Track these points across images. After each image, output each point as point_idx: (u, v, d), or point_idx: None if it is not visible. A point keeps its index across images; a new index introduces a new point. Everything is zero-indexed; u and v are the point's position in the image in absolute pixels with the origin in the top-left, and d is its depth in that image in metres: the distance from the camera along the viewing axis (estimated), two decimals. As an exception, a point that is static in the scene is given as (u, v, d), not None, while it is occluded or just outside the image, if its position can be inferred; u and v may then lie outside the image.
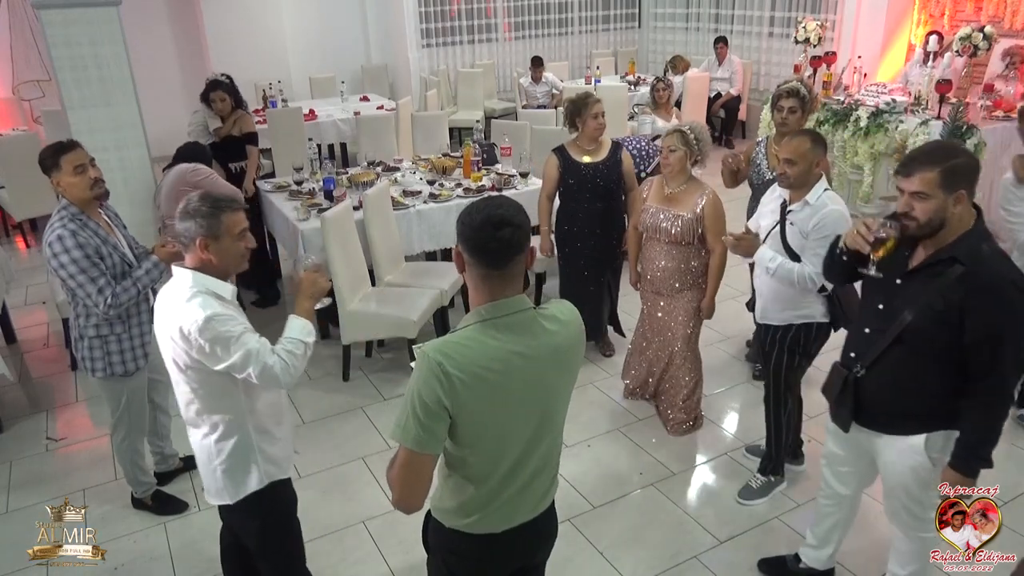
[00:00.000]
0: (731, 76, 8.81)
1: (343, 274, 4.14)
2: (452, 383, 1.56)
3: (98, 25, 3.86)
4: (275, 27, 9.06)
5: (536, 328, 1.66)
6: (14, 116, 8.00)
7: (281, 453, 2.29)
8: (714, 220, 3.39)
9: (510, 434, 1.69)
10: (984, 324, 2.01)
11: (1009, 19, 6.74)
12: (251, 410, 2.18)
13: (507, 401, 1.65)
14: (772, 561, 2.92)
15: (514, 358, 1.62)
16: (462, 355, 1.58)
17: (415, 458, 1.61)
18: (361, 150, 6.63)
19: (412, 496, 1.64)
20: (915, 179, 2.03)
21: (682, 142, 3.37)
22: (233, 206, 2.10)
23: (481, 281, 1.63)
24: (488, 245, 1.57)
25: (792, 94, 3.62)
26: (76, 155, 2.82)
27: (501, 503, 1.75)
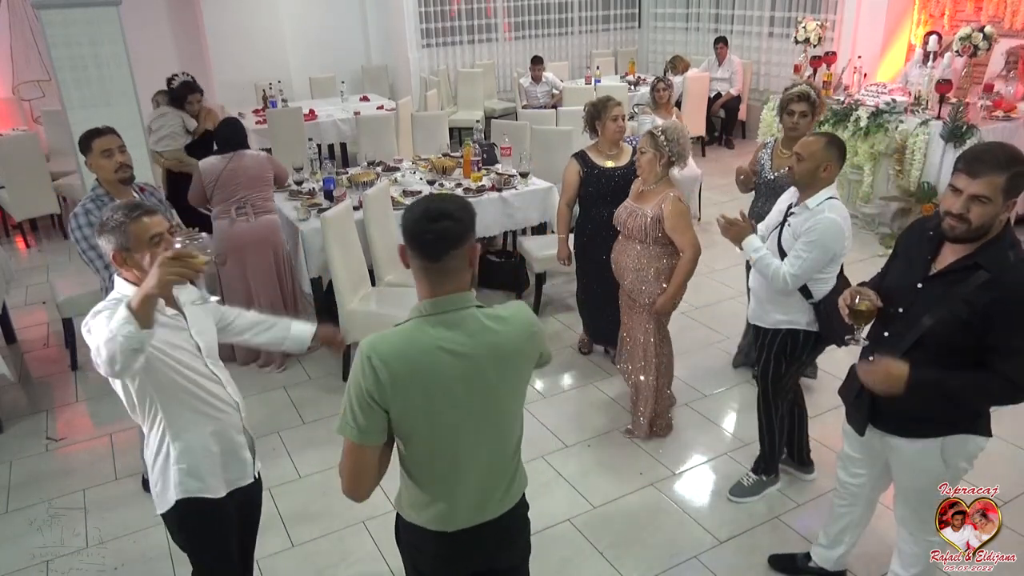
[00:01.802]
0: (731, 76, 8.81)
1: (343, 274, 4.14)
2: (378, 376, 1.59)
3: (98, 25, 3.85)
4: (275, 27, 9.05)
5: (473, 325, 1.67)
6: (14, 116, 7.99)
7: (208, 470, 2.16)
8: (674, 223, 3.35)
9: (445, 432, 1.69)
10: (1007, 332, 1.96)
11: (1009, 19, 6.74)
12: (166, 417, 2.09)
13: (437, 398, 1.65)
14: (783, 557, 2.93)
15: (443, 355, 1.63)
16: (391, 349, 1.61)
17: (355, 449, 1.66)
18: (361, 150, 6.63)
19: (357, 486, 1.70)
20: (982, 181, 1.92)
21: (651, 144, 3.37)
22: (142, 212, 2.02)
23: (421, 274, 1.66)
24: (424, 236, 1.61)
25: (802, 98, 3.61)
26: (106, 140, 3.06)
27: (446, 501, 1.76)
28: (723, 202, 7.03)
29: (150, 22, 8.50)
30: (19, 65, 7.90)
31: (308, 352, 2.64)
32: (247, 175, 4.25)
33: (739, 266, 5.68)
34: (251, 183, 4.28)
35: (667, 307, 3.51)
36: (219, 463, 2.20)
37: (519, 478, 1.90)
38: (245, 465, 2.29)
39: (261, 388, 4.32)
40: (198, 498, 2.17)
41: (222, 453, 2.20)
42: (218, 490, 2.20)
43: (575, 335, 4.73)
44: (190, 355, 2.10)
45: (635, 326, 3.64)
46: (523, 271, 5.30)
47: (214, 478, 2.19)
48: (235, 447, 2.24)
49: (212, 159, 4.28)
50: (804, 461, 3.40)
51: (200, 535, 2.26)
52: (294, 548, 3.13)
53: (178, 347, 2.07)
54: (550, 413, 3.99)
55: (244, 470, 2.29)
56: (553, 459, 3.61)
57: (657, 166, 3.38)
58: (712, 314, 5.01)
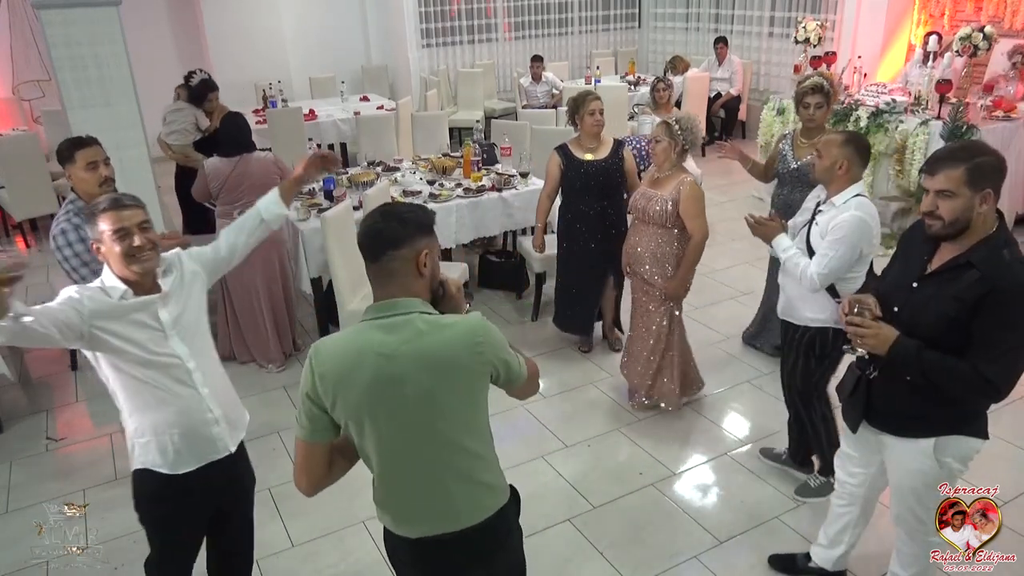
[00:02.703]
0: (731, 76, 8.81)
1: (343, 274, 4.14)
2: (314, 375, 1.65)
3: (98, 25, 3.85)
4: (275, 27, 9.06)
5: (407, 330, 1.65)
6: (14, 116, 7.99)
7: (164, 447, 2.17)
8: (689, 205, 3.49)
9: (381, 436, 1.70)
10: (989, 326, 1.98)
11: (1009, 19, 6.74)
12: (123, 394, 2.15)
13: (370, 402, 1.66)
14: (783, 557, 2.93)
15: (375, 358, 1.63)
16: (330, 351, 1.66)
17: (302, 446, 1.72)
18: (361, 150, 6.63)
19: (305, 481, 1.75)
20: (940, 177, 2.01)
21: (666, 133, 3.50)
22: (109, 206, 2.04)
23: (368, 276, 1.70)
24: (363, 236, 1.67)
25: (816, 90, 3.69)
26: (91, 152, 2.92)
27: (401, 505, 1.80)
28: (723, 202, 7.03)
29: (150, 22, 8.51)
30: (19, 65, 7.90)
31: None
32: (251, 182, 4.20)
33: (739, 266, 5.68)
34: (254, 190, 4.21)
35: (678, 292, 3.64)
36: (179, 441, 2.18)
37: (482, 494, 1.82)
38: (214, 441, 2.24)
39: (261, 388, 4.32)
40: (155, 472, 2.20)
41: (183, 432, 2.18)
42: (177, 466, 2.19)
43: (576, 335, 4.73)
44: (150, 334, 2.09)
45: (651, 313, 3.73)
46: (523, 271, 5.30)
47: (174, 455, 2.18)
48: (197, 424, 2.20)
49: (218, 161, 4.25)
50: (804, 462, 3.40)
51: (153, 510, 2.27)
52: (294, 548, 3.13)
53: (137, 329, 2.07)
54: (550, 413, 3.99)
55: (213, 446, 2.25)
56: (553, 459, 3.61)
57: (672, 153, 3.52)
58: (712, 314, 5.01)
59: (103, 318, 2.03)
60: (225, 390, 2.33)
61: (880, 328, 2.09)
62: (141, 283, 2.10)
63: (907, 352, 2.07)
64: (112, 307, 2.05)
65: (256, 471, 3.56)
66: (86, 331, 2.00)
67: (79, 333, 1.99)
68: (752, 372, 4.31)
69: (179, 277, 2.21)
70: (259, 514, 3.29)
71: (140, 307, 2.09)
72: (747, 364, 4.40)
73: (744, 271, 5.59)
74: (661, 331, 3.74)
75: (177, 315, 2.16)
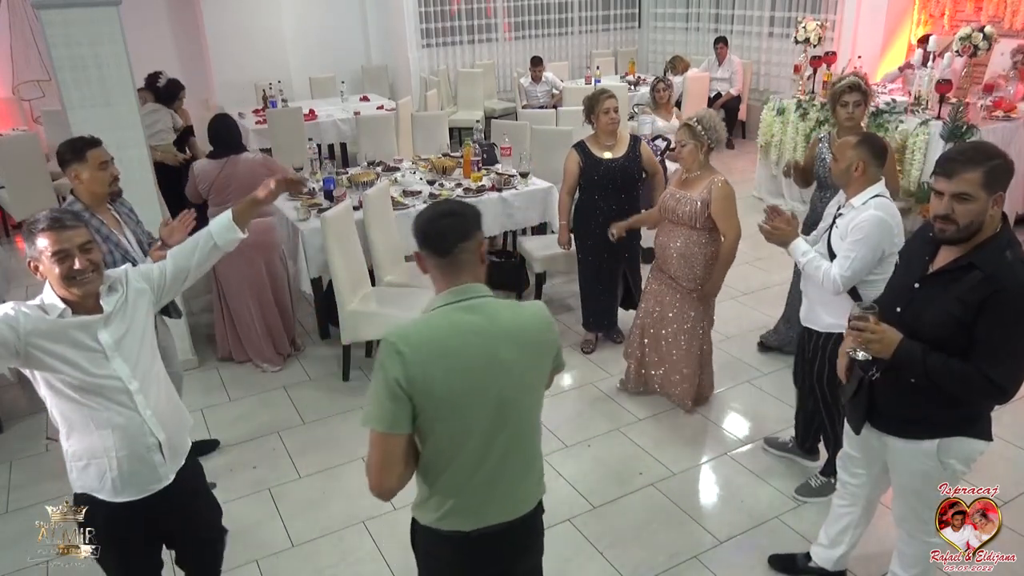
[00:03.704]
0: (731, 76, 8.81)
1: (343, 274, 4.14)
2: (406, 361, 1.63)
3: (98, 25, 3.84)
4: (275, 27, 9.05)
5: (489, 310, 1.73)
6: (14, 116, 7.99)
7: (101, 473, 2.08)
8: (721, 206, 3.49)
9: (469, 417, 1.71)
10: (993, 329, 1.97)
11: (1009, 19, 6.74)
12: (59, 415, 2.07)
13: (464, 379, 1.68)
14: (783, 557, 2.93)
15: (469, 335, 1.69)
16: (418, 334, 1.67)
17: (384, 440, 1.67)
18: (361, 150, 6.63)
19: (385, 479, 1.69)
20: (957, 180, 1.96)
21: (690, 136, 3.50)
22: (49, 225, 1.96)
23: (437, 271, 1.74)
24: (433, 233, 1.72)
25: (854, 88, 3.68)
26: (101, 151, 2.96)
27: (467, 496, 1.77)
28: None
29: (150, 22, 8.50)
30: (19, 65, 7.89)
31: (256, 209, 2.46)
32: (239, 183, 4.20)
33: (739, 266, 5.67)
34: (242, 191, 4.18)
35: (714, 292, 3.70)
36: (118, 467, 2.07)
37: (539, 480, 1.90)
38: (155, 468, 2.13)
39: (261, 388, 4.32)
40: (93, 497, 2.11)
41: (122, 457, 2.07)
42: (116, 494, 2.10)
43: (576, 335, 4.73)
44: (90, 355, 1.99)
45: (675, 310, 3.77)
46: (523, 271, 5.30)
47: (111, 482, 2.08)
48: (138, 449, 2.09)
49: (207, 163, 4.26)
50: (811, 450, 3.42)
51: (98, 535, 2.13)
52: (294, 548, 3.13)
53: (75, 350, 1.98)
54: (550, 413, 3.95)
55: (154, 473, 2.14)
56: (553, 459, 3.61)
57: (699, 154, 3.53)
58: (712, 314, 5.00)
59: (40, 336, 1.93)
60: (172, 413, 2.23)
61: (884, 332, 2.08)
62: (82, 303, 2.01)
63: (912, 355, 2.06)
64: (50, 325, 1.95)
65: (256, 471, 3.61)
66: (21, 349, 1.91)
67: (14, 351, 1.91)
68: (752, 372, 4.31)
69: (123, 296, 2.11)
70: (259, 514, 3.32)
71: (79, 327, 1.99)
72: (747, 364, 4.40)
73: (744, 271, 5.58)
74: (688, 331, 3.76)
75: (120, 336, 2.05)
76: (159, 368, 2.22)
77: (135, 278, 2.18)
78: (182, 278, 2.33)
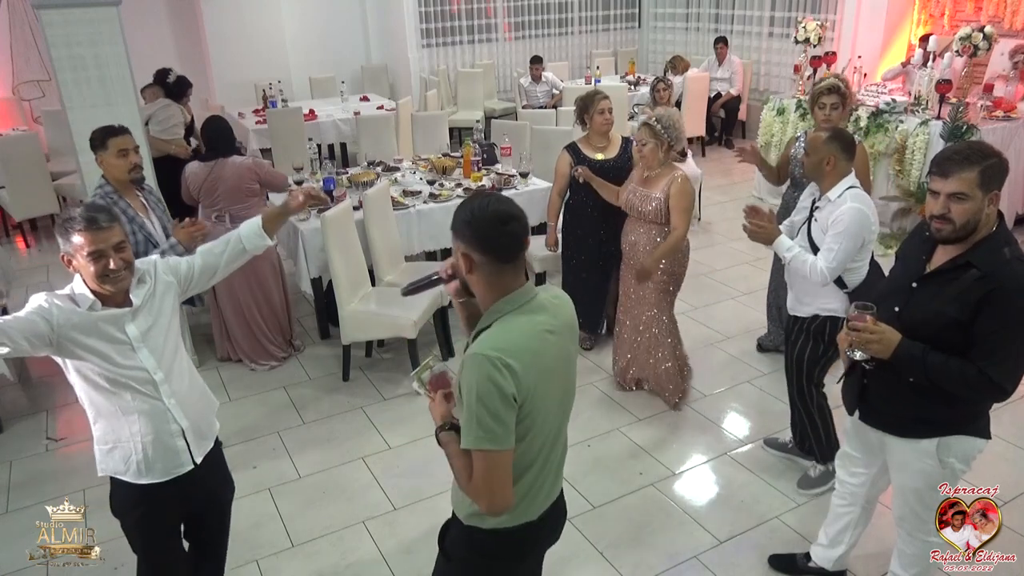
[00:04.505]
0: (731, 76, 8.81)
1: (343, 274, 4.14)
2: (514, 372, 1.59)
3: (98, 25, 3.84)
4: (275, 27, 9.05)
5: (551, 306, 1.75)
6: (14, 116, 7.99)
7: (127, 456, 2.17)
8: (678, 200, 3.59)
9: (551, 413, 1.75)
10: (991, 328, 1.98)
11: (1009, 19, 6.74)
12: (87, 400, 2.15)
13: (550, 379, 1.71)
14: (783, 557, 2.93)
15: (547, 335, 1.70)
16: (514, 344, 1.63)
17: (499, 457, 1.63)
18: (361, 150, 6.63)
19: (507, 495, 1.67)
20: (953, 180, 1.97)
21: (650, 135, 3.60)
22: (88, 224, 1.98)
23: (495, 277, 1.68)
24: (501, 240, 1.65)
25: (832, 90, 3.71)
26: (123, 140, 3.13)
27: (539, 486, 1.79)
28: (723, 202, 7.03)
29: (150, 22, 8.50)
30: (19, 65, 7.90)
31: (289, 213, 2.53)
32: (225, 187, 4.20)
33: (739, 266, 5.68)
34: (229, 195, 4.23)
35: (649, 270, 3.69)
36: (142, 451, 2.16)
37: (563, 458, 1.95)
38: (178, 454, 2.22)
39: (261, 388, 4.32)
40: (120, 480, 2.20)
41: (146, 442, 2.15)
42: (140, 476, 2.18)
43: (575, 335, 4.73)
44: (118, 347, 2.07)
45: (648, 307, 3.86)
46: (523, 271, 5.29)
47: (136, 465, 2.17)
48: (162, 436, 2.17)
49: (196, 166, 4.26)
50: (811, 450, 3.43)
51: (125, 517, 2.26)
52: (294, 548, 3.13)
53: (104, 342, 2.04)
54: (550, 413, 3.98)
55: (177, 459, 2.22)
56: (553, 459, 3.61)
57: (660, 153, 3.61)
58: (712, 314, 5.01)
59: (72, 328, 2.00)
60: (197, 400, 2.30)
61: (883, 332, 2.08)
62: (112, 296, 2.07)
63: (912, 355, 2.06)
64: (81, 318, 2.02)
65: (256, 471, 3.60)
66: (55, 340, 1.98)
67: (48, 341, 1.97)
68: (752, 372, 4.31)
69: (151, 288, 2.17)
70: (259, 514, 3.32)
71: (108, 320, 2.05)
72: (747, 364, 4.40)
73: (744, 271, 5.59)
74: (655, 322, 3.87)
75: (147, 328, 2.12)
76: (183, 357, 2.28)
77: (163, 271, 2.24)
78: (209, 274, 2.39)
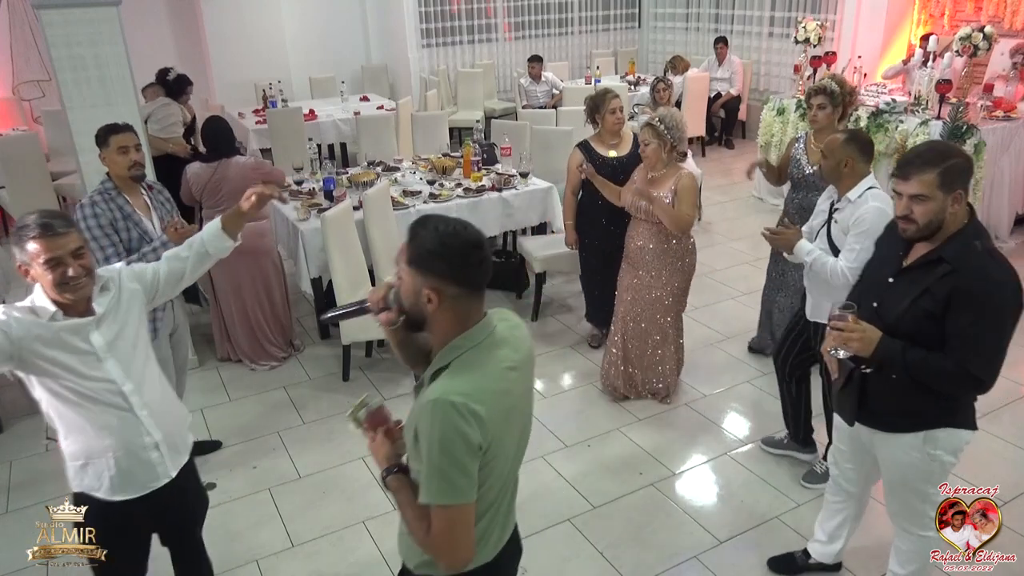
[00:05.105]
0: (731, 76, 8.81)
1: (343, 274, 4.14)
2: (481, 419, 1.48)
3: (98, 25, 3.84)
4: (275, 27, 9.05)
5: (512, 339, 1.64)
6: (14, 116, 7.98)
7: (99, 472, 2.09)
8: (684, 193, 3.58)
9: (510, 455, 1.65)
10: (963, 320, 2.02)
11: (1009, 19, 6.74)
12: (56, 417, 2.07)
13: (512, 420, 1.61)
14: (780, 558, 2.94)
15: (510, 373, 1.60)
16: (478, 387, 1.52)
17: (462, 511, 1.52)
18: (361, 150, 6.63)
19: (468, 550, 1.56)
20: (913, 182, 2.04)
21: (653, 135, 3.58)
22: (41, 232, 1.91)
23: (462, 307, 1.56)
24: (478, 269, 1.54)
25: (820, 91, 3.76)
26: (124, 137, 3.14)
27: (498, 525, 1.69)
28: (723, 202, 7.03)
29: (150, 22, 8.49)
30: (19, 65, 7.89)
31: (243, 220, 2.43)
32: (230, 187, 4.20)
33: (739, 266, 5.68)
34: (233, 195, 4.19)
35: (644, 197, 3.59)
36: (116, 466, 2.09)
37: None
38: (153, 467, 2.15)
39: (261, 388, 4.32)
40: (91, 496, 2.12)
41: (119, 457, 2.08)
42: (115, 493, 2.11)
43: (575, 335, 4.73)
44: (82, 358, 1.99)
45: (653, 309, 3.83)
46: (523, 271, 5.30)
47: (109, 481, 2.10)
48: (135, 449, 2.10)
49: (199, 167, 4.26)
50: (806, 442, 3.45)
51: (96, 532, 2.14)
52: (294, 548, 3.13)
53: (68, 353, 1.97)
54: (550, 413, 3.99)
55: (153, 472, 2.15)
56: (553, 459, 3.61)
57: (663, 153, 3.60)
58: (712, 314, 5.01)
59: (33, 341, 1.93)
60: (168, 411, 2.23)
61: (864, 330, 2.11)
62: (74, 305, 1.99)
63: (892, 352, 2.10)
64: (42, 329, 1.94)
65: (256, 471, 3.60)
66: (15, 353, 1.90)
67: (8, 355, 1.90)
68: (752, 372, 4.31)
69: (116, 296, 2.10)
70: (259, 514, 3.32)
71: (71, 330, 1.97)
72: (747, 364, 4.40)
73: (744, 271, 5.59)
74: (664, 325, 3.84)
75: (112, 337, 2.05)
76: (153, 367, 2.21)
77: (128, 278, 2.17)
78: (176, 280, 2.34)
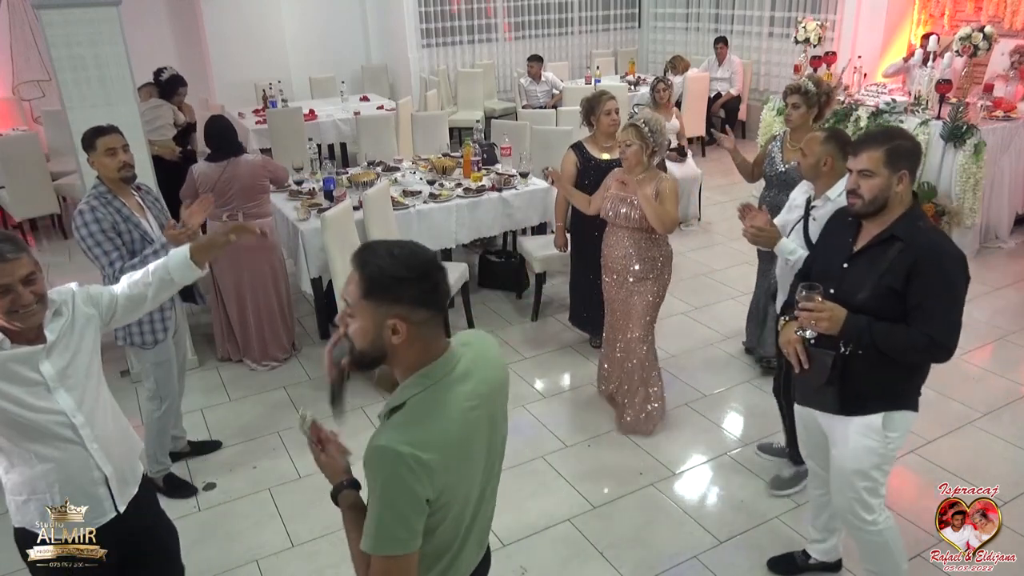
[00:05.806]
0: (731, 76, 8.81)
1: (343, 274, 4.12)
2: (430, 470, 1.40)
3: (98, 25, 3.84)
4: (275, 27, 9.05)
5: (476, 370, 1.55)
6: (14, 116, 7.99)
7: (41, 508, 1.97)
8: (668, 196, 3.45)
9: (470, 492, 1.56)
10: (923, 292, 2.10)
11: (1009, 19, 6.74)
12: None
13: (474, 460, 1.54)
14: (780, 558, 2.94)
15: (470, 412, 1.51)
16: (430, 435, 1.43)
17: (400, 562, 1.44)
18: (361, 150, 6.63)
19: None
20: (862, 157, 2.18)
21: (637, 136, 3.45)
22: None
23: (426, 333, 1.48)
24: (439, 289, 1.48)
25: (794, 91, 3.80)
26: (111, 139, 3.10)
27: (464, 561, 1.62)
28: (723, 202, 7.03)
29: (150, 22, 8.50)
30: (19, 65, 7.89)
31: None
32: (241, 185, 4.20)
33: (739, 266, 5.68)
34: (244, 193, 4.23)
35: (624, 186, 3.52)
36: (59, 503, 1.96)
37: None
38: (100, 502, 2.03)
39: (261, 388, 4.32)
40: (34, 533, 1.98)
41: (65, 492, 1.97)
42: (58, 530, 1.97)
43: (576, 335, 4.73)
44: (30, 388, 1.88)
45: (632, 320, 3.66)
46: (523, 271, 5.30)
47: (42, 523, 1.97)
48: (83, 484, 1.99)
49: (206, 166, 4.23)
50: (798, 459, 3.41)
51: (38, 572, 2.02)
52: (294, 548, 3.13)
53: (14, 384, 1.86)
54: (550, 413, 3.99)
55: (99, 507, 2.03)
56: (553, 459, 3.61)
57: (644, 156, 3.47)
58: (712, 314, 5.01)
59: None
60: (120, 441, 2.11)
61: (832, 309, 2.18)
62: (23, 332, 1.87)
63: (859, 327, 2.16)
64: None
65: (256, 471, 3.60)
66: None
67: None
68: (751, 372, 4.31)
69: (69, 321, 1.98)
70: (259, 514, 3.32)
71: (20, 359, 1.86)
72: (747, 364, 4.40)
73: (744, 271, 5.58)
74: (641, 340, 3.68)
75: (64, 366, 1.93)
76: (105, 397, 2.10)
77: (83, 302, 2.05)
78: (135, 306, 2.22)
